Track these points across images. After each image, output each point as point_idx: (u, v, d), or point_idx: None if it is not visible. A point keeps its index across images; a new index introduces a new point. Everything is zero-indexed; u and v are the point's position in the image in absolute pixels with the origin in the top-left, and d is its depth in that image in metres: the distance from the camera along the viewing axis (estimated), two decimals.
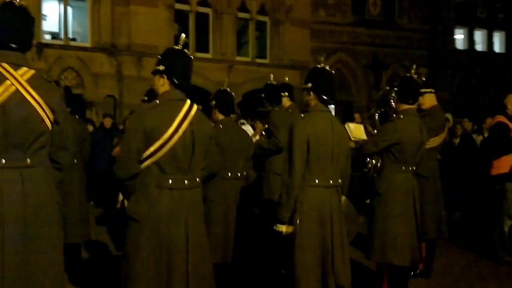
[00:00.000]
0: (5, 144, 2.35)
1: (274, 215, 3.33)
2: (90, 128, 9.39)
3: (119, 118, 12.07)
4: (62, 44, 12.80)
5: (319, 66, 3.40)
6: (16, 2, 2.50)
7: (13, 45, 2.44)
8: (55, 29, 13.30)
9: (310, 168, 3.21)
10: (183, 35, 3.03)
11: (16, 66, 2.41)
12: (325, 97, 3.30)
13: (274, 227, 3.28)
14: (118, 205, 5.74)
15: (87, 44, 13.29)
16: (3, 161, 2.35)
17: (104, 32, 13.19)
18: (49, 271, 2.46)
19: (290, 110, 5.12)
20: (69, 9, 13.24)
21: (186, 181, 2.79)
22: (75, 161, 4.58)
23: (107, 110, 12.22)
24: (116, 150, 5.70)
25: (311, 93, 3.33)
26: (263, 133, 5.44)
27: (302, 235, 3.20)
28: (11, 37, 2.44)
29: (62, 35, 13.07)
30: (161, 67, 2.87)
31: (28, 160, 2.40)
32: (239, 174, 4.32)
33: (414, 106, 4.07)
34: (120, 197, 5.63)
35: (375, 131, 4.80)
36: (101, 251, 5.86)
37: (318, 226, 3.22)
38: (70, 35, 13.22)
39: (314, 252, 3.21)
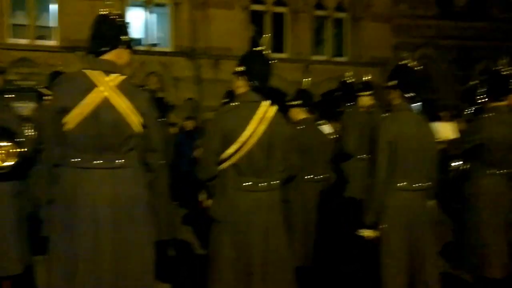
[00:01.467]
0: (98, 146, 2.52)
1: (356, 219, 3.27)
2: (175, 130, 9.72)
3: (199, 120, 12.41)
4: (145, 50, 13.39)
5: (403, 62, 3.30)
6: (109, 14, 2.69)
7: (103, 49, 2.62)
8: (139, 35, 13.96)
9: (395, 171, 3.10)
10: (266, 36, 3.06)
11: (107, 73, 2.58)
12: (409, 96, 3.19)
13: (357, 232, 3.22)
14: (200, 206, 5.88)
15: (168, 49, 13.80)
16: (97, 162, 2.53)
17: (184, 37, 13.64)
18: (140, 267, 2.60)
19: (371, 110, 5.00)
20: (152, 16, 13.83)
21: (263, 184, 2.81)
22: (163, 162, 4.75)
23: (187, 113, 12.61)
24: (198, 151, 5.86)
25: (395, 91, 3.23)
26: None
27: (387, 241, 3.10)
28: (102, 45, 2.63)
29: (145, 41, 13.68)
30: (240, 68, 2.92)
31: (119, 161, 2.56)
32: (319, 176, 4.28)
33: (505, 103, 3.78)
34: (201, 197, 5.77)
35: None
36: (187, 249, 6.04)
37: (404, 231, 3.10)
38: (153, 41, 13.82)
39: (400, 259, 3.10)
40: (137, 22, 13.88)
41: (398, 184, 3.09)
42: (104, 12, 2.70)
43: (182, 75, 13.60)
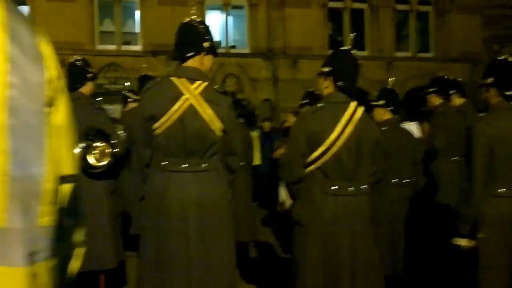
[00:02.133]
0: (184, 151, 2.65)
1: (451, 227, 3.06)
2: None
3: (276, 121, 12.43)
4: (224, 52, 13.64)
5: (502, 57, 3.04)
6: (191, 21, 2.80)
7: (189, 58, 2.72)
8: (217, 38, 14.24)
9: (495, 175, 2.86)
10: (352, 35, 2.98)
11: (192, 81, 2.69)
12: (509, 94, 2.93)
13: (452, 241, 3.01)
14: (281, 208, 5.87)
15: (246, 50, 13.97)
16: (184, 165, 2.66)
17: (261, 37, 13.74)
18: (223, 266, 2.68)
19: (463, 109, 4.70)
20: (229, 18, 14.06)
21: (351, 188, 2.73)
22: (243, 163, 4.79)
23: (264, 113, 12.67)
24: (277, 153, 5.84)
25: (492, 89, 2.98)
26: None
27: (486, 253, 2.87)
28: (186, 52, 2.73)
29: (223, 44, 13.93)
30: (326, 69, 2.85)
31: (204, 165, 2.69)
32: (406, 180, 4.08)
33: None
34: (281, 198, 5.76)
35: None
36: (268, 251, 6.04)
37: (504, 242, 2.86)
38: (230, 43, 14.04)
39: (500, 272, 2.86)
40: (215, 25, 14.17)
41: (498, 190, 2.86)
42: (187, 20, 2.82)
43: (260, 76, 13.70)
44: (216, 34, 14.24)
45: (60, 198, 0.72)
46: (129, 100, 5.30)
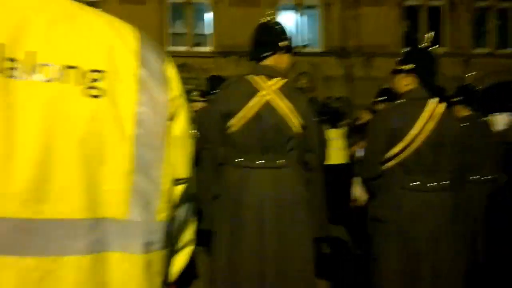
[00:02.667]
0: (261, 147, 2.67)
1: None
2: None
3: (350, 118, 12.34)
4: (296, 51, 13.68)
5: None
6: (268, 22, 2.87)
7: (263, 56, 2.77)
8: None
9: None
10: (431, 34, 2.95)
11: (269, 77, 2.72)
12: None
13: None
14: (353, 204, 5.85)
15: (319, 49, 13.95)
16: (261, 161, 2.67)
17: (334, 36, 13.68)
18: (301, 265, 2.67)
19: None
20: (303, 18, 14.11)
21: (431, 184, 2.69)
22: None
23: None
24: (353, 149, 5.84)
25: None
26: None
27: None
28: (263, 51, 2.78)
29: (296, 43, 13.98)
30: (408, 66, 2.82)
31: (280, 161, 2.68)
32: (486, 177, 3.99)
33: None
34: (354, 195, 5.74)
35: None
36: (341, 247, 6.04)
37: None
38: (303, 42, 14.08)
39: None
40: (288, 24, 14.26)
41: None
42: (264, 21, 2.88)
43: (332, 74, 13.65)
44: (289, 33, 14.32)
45: (173, 198, 0.82)
46: (193, 103, 5.51)
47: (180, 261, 1.00)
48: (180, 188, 0.84)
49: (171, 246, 0.87)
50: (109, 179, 0.74)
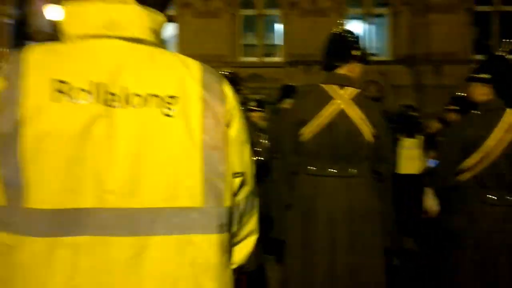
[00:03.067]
0: (334, 155, 2.69)
1: None
2: None
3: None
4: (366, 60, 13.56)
5: None
6: (340, 32, 2.91)
7: (335, 65, 2.79)
8: None
9: None
10: (508, 41, 2.87)
11: (342, 87, 2.74)
12: None
13: None
14: (425, 215, 5.72)
15: (387, 58, 13.74)
16: (333, 171, 2.69)
17: (403, 44, 13.43)
18: (372, 278, 2.66)
19: None
20: (371, 26, 13.97)
21: (510, 198, 2.60)
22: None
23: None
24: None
25: None
26: None
27: None
28: (335, 61, 2.80)
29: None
30: (484, 75, 2.75)
31: (352, 170, 2.69)
32: None
33: None
34: (425, 206, 5.61)
35: None
36: (411, 259, 5.92)
37: None
38: (371, 51, 13.92)
39: None
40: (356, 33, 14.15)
41: None
42: (336, 30, 2.91)
43: (401, 83, 13.38)
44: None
45: (234, 188, 1.03)
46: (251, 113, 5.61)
47: (245, 248, 1.19)
48: (237, 181, 1.06)
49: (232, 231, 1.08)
50: (187, 176, 0.96)
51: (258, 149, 3.68)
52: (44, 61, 0.95)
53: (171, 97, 0.98)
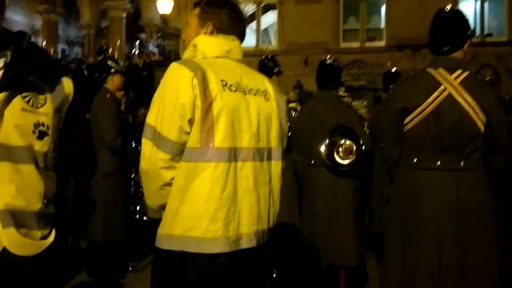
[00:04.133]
0: (439, 147, 2.49)
1: None
2: None
3: None
4: (478, 41, 12.71)
5: None
6: (449, 11, 2.68)
7: (446, 49, 2.58)
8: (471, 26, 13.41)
9: None
10: None
11: (451, 70, 2.52)
12: None
13: None
14: None
15: (503, 38, 12.82)
16: (438, 163, 2.49)
17: None
18: (485, 276, 2.45)
19: None
20: (484, 5, 13.07)
21: None
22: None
23: None
24: None
25: None
26: None
27: None
28: (443, 42, 2.60)
29: (478, 33, 13.03)
30: None
31: (462, 163, 2.47)
32: None
33: None
34: None
35: None
36: None
37: None
38: (486, 32, 13.04)
39: None
40: (469, 13, 13.29)
41: None
42: (444, 10, 2.69)
43: None
44: (470, 22, 13.37)
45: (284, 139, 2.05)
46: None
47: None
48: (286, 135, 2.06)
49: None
50: (273, 131, 1.91)
51: (361, 139, 3.53)
52: (212, 67, 1.80)
53: (264, 91, 1.93)
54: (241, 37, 1.96)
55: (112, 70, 4.42)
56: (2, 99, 1.38)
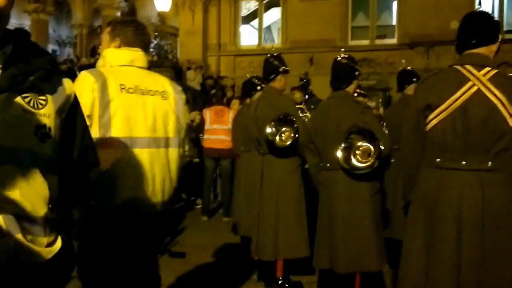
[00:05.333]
0: (464, 145, 2.48)
1: None
2: None
3: None
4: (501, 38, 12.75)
5: None
6: (480, 12, 2.78)
7: (474, 42, 2.60)
8: None
9: None
10: None
11: (479, 67, 2.53)
12: None
13: None
14: None
15: None
16: (463, 162, 2.48)
17: None
18: (506, 281, 2.44)
19: None
20: (505, 0, 13.16)
21: None
22: None
23: None
24: None
25: None
26: None
27: None
28: (472, 36, 2.62)
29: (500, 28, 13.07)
30: None
31: (489, 163, 2.45)
32: None
33: None
34: None
35: None
36: None
37: None
38: (506, 28, 13.07)
39: None
40: (487, 8, 13.31)
41: None
42: (476, 11, 2.79)
43: None
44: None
45: (182, 130, 2.64)
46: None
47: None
48: (184, 127, 2.62)
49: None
50: (170, 124, 2.50)
51: (380, 140, 3.55)
52: (114, 74, 2.40)
53: (162, 91, 2.50)
54: (145, 48, 2.59)
55: None
56: (2, 100, 1.38)
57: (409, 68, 5.34)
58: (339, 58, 3.93)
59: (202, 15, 16.08)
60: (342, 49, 4.14)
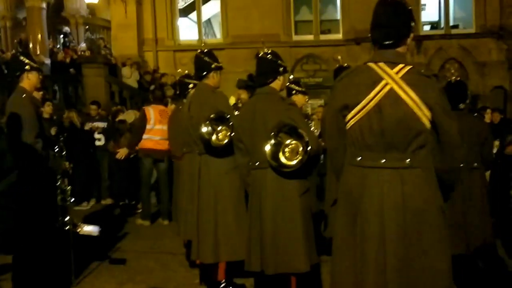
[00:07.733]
0: (383, 144, 2.65)
1: None
2: None
3: (510, 112, 11.65)
4: (442, 34, 13.20)
5: None
6: (390, 1, 2.75)
7: (388, 42, 2.71)
8: (434, 18, 13.84)
9: None
10: None
11: (392, 64, 2.68)
12: None
13: None
14: None
15: (471, 30, 13.33)
16: (383, 160, 2.66)
17: (492, 13, 12.96)
18: (430, 278, 2.61)
19: None
20: None
21: None
22: (475, 164, 4.75)
23: (497, 103, 11.92)
24: (510, 149, 5.60)
25: None
26: None
27: None
28: (385, 34, 2.72)
29: (442, 24, 13.50)
30: None
31: (407, 161, 2.63)
32: None
33: None
34: None
35: None
36: (495, 262, 5.78)
37: None
38: (451, 23, 13.52)
39: None
40: (432, 2, 13.80)
41: None
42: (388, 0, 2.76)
43: (489, 60, 12.93)
44: (434, 14, 13.86)
45: None
46: (293, 92, 5.78)
47: None
48: None
49: None
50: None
51: (307, 138, 3.73)
52: None
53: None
54: None
55: (27, 67, 4.46)
56: None
57: (345, 64, 5.54)
58: (261, 54, 4.04)
59: (135, 7, 15.85)
60: (263, 42, 4.27)
